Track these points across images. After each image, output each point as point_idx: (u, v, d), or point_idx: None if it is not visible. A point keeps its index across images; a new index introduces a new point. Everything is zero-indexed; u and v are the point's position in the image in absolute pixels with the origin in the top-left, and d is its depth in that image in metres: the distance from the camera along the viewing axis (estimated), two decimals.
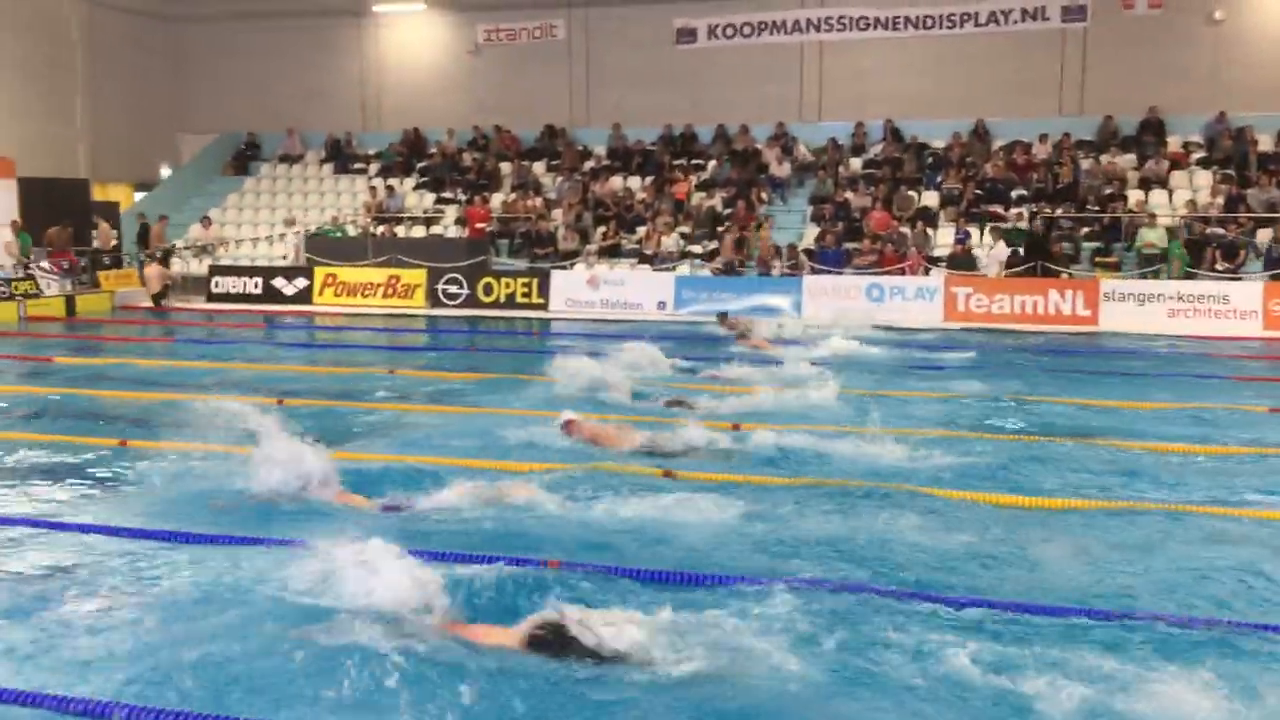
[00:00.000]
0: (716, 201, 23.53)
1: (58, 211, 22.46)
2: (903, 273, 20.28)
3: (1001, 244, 20.47)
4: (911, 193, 22.87)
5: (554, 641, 4.74)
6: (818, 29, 25.66)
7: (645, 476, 7.60)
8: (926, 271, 20.37)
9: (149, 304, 22.15)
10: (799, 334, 15.90)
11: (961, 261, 20.34)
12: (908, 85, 25.13)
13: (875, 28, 25.17)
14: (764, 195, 23.91)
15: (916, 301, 19.67)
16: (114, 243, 23.46)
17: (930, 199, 22.89)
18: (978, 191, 22.50)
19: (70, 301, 20.90)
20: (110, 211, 24.78)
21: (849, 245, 21.40)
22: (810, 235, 22.32)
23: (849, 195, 23.00)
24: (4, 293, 19.88)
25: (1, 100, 24.50)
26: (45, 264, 21.19)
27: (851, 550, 6.25)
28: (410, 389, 12.10)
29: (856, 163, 24.49)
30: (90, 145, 27.49)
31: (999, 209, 22.04)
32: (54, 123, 26.40)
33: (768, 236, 21.66)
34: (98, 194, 26.42)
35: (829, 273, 20.59)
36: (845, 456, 8.48)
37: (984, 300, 19.41)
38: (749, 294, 20.45)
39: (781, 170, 24.43)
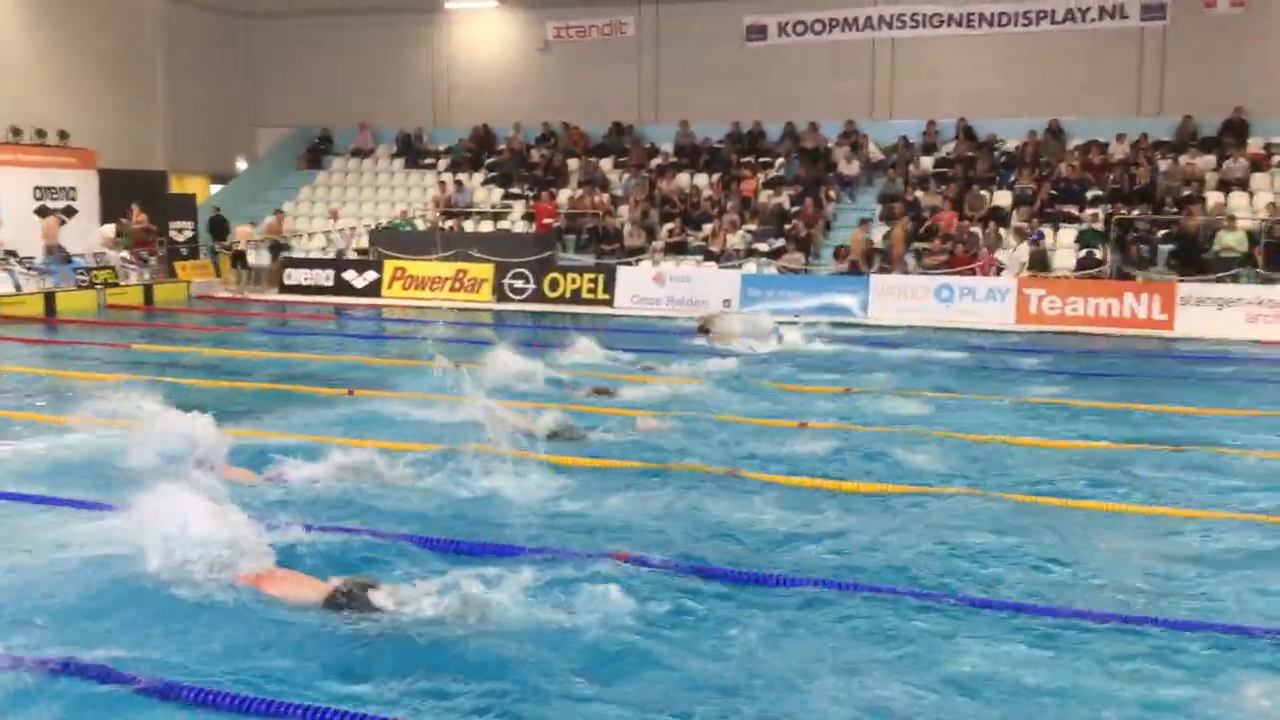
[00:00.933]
0: (784, 199, 23.42)
1: (137, 202, 23.00)
2: (973, 273, 20.02)
3: (1024, 246, 20.20)
4: (983, 192, 22.56)
5: (350, 603, 5.05)
6: (890, 26, 25.41)
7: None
8: (998, 272, 20.09)
9: (225, 294, 22.60)
10: (767, 331, 15.41)
11: (1035, 262, 20.02)
12: (981, 83, 24.80)
13: (949, 25, 24.86)
14: (832, 193, 23.75)
15: (987, 303, 19.39)
16: (140, 224, 22.90)
17: (1003, 199, 22.57)
18: (1052, 192, 22.13)
19: (149, 291, 21.38)
20: (187, 204, 25.30)
21: (918, 245, 21.17)
22: (879, 234, 22.12)
23: (919, 194, 22.76)
24: (84, 281, 20.40)
25: (83, 93, 25.12)
26: (125, 253, 21.71)
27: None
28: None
29: (927, 161, 24.22)
30: (168, 138, 28.10)
31: (1073, 209, 21.66)
32: (133, 116, 27.03)
33: (861, 237, 21.08)
34: (175, 186, 27.03)
35: (897, 272, 20.38)
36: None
37: (1057, 302, 19.08)
38: (815, 293, 20.34)
39: (850, 168, 24.24)
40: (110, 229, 21.82)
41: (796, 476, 7.88)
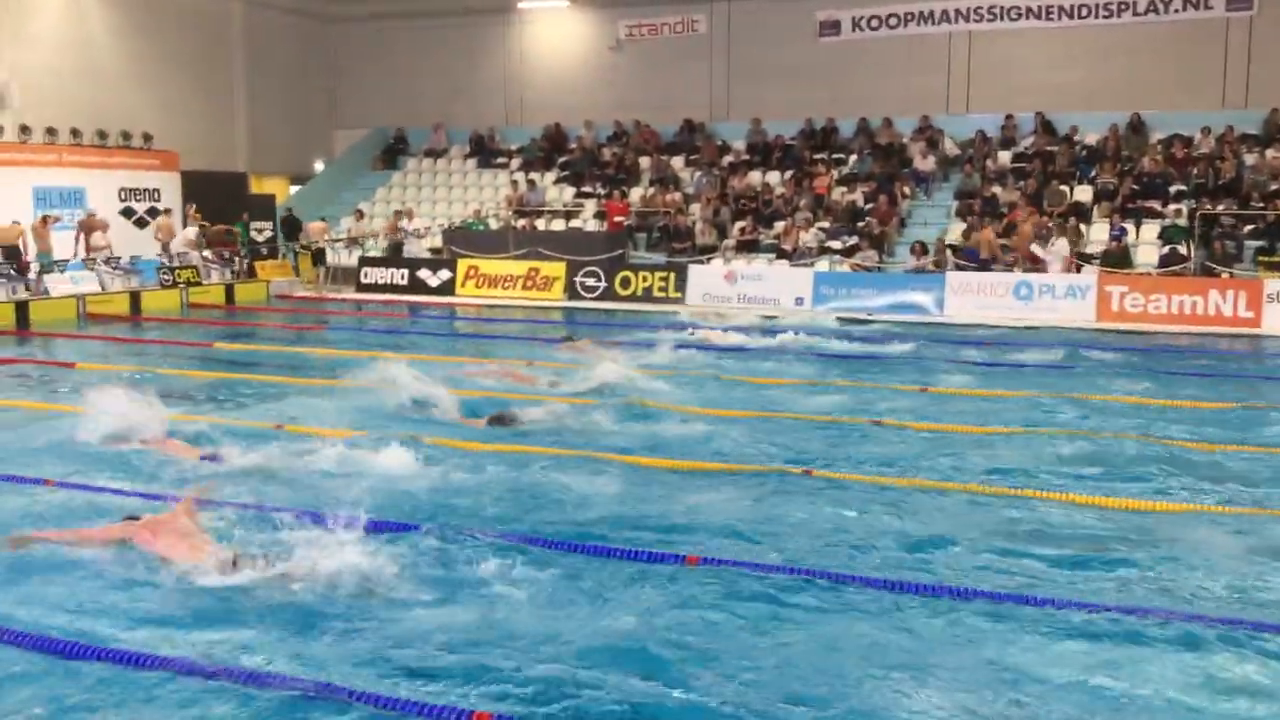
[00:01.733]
0: (857, 196, 23.19)
1: (218, 203, 23.52)
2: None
3: (1063, 240, 19.73)
4: (1063, 187, 22.12)
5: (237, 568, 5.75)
6: (966, 19, 25.02)
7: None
8: (1078, 269, 19.68)
9: (303, 293, 23.01)
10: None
11: (1116, 259, 19.59)
12: (1060, 76, 24.31)
13: (1027, 17, 24.41)
14: (907, 189, 23.47)
15: (1067, 300, 19.00)
16: (196, 219, 22.81)
17: (1083, 194, 22.11)
18: (1134, 187, 21.63)
19: (230, 290, 21.84)
20: (266, 205, 25.80)
21: (1002, 241, 20.77)
22: (955, 231, 21.81)
23: (997, 190, 22.39)
24: (168, 280, 20.89)
25: (166, 95, 25.71)
26: (208, 253, 22.20)
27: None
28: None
29: (1005, 156, 23.81)
30: (249, 140, 28.68)
31: (1156, 205, 21.15)
32: (215, 118, 27.62)
33: (1029, 233, 20.26)
34: (255, 187, 27.58)
35: (974, 269, 20.07)
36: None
37: (1139, 299, 18.63)
38: (888, 290, 20.10)
39: (926, 164, 23.92)
40: (192, 230, 22.33)
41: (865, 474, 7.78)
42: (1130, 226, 20.61)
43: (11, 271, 18.37)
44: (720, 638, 5.12)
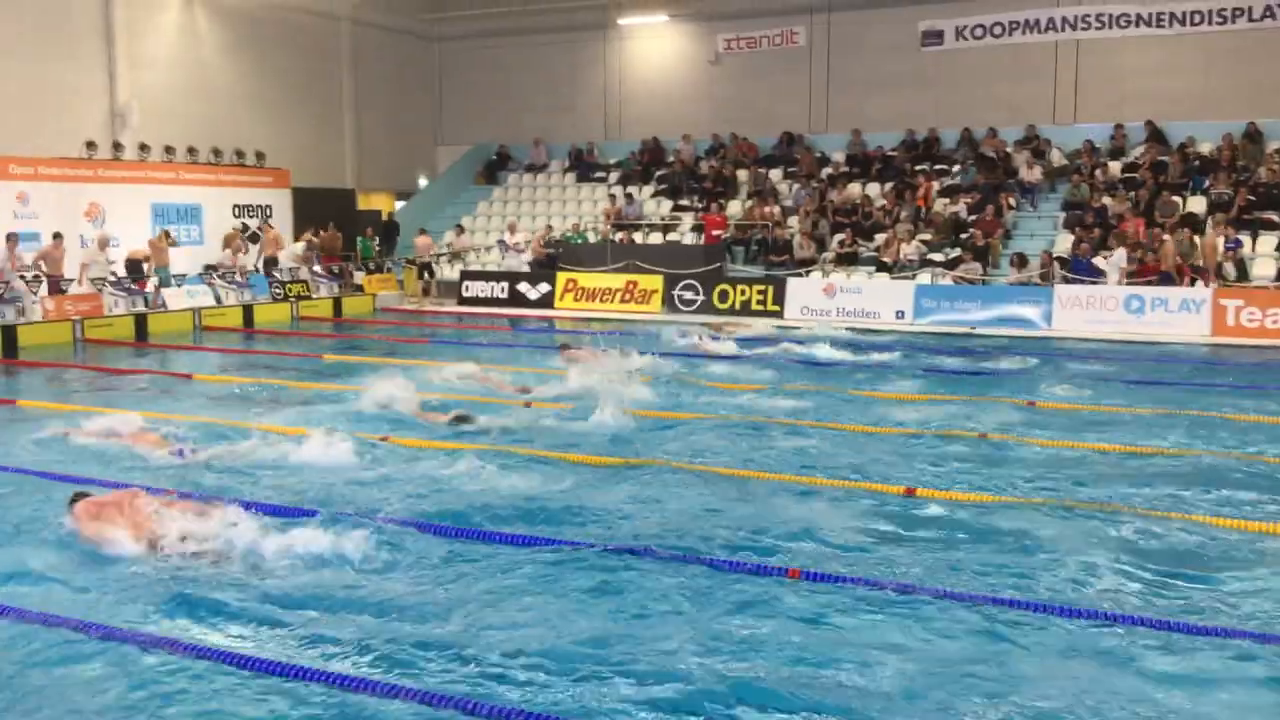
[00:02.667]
0: (960, 208, 22.82)
1: (327, 219, 24.18)
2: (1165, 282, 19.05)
3: (1122, 250, 19.08)
4: (1175, 198, 21.48)
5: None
6: (1074, 27, 24.52)
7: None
8: (1192, 282, 19.08)
9: (408, 306, 23.48)
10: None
11: (1232, 272, 18.94)
12: (1172, 84, 23.65)
13: (1137, 25, 23.81)
14: (1012, 201, 23.03)
15: (1180, 314, 18.43)
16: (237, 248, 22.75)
17: (1196, 205, 21.44)
18: (1250, 198, 20.90)
19: (337, 303, 22.39)
20: (373, 220, 26.42)
21: (1106, 253, 20.28)
22: (1063, 243, 21.31)
23: (1106, 200, 21.83)
24: (279, 294, 21.52)
25: (278, 115, 26.54)
26: (317, 268, 22.81)
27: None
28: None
29: (1115, 166, 23.21)
30: (356, 157, 29.43)
31: (1274, 216, 20.41)
32: (324, 136, 28.40)
33: (1216, 245, 19.50)
34: (362, 203, 28.26)
35: (1083, 282, 19.59)
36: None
37: (1257, 314, 17.99)
38: (993, 304, 19.73)
39: (1032, 174, 23.44)
40: (301, 245, 22.96)
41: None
42: (1246, 238, 19.92)
43: (132, 286, 19.10)
44: (825, 651, 5.08)
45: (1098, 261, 19.60)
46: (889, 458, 8.97)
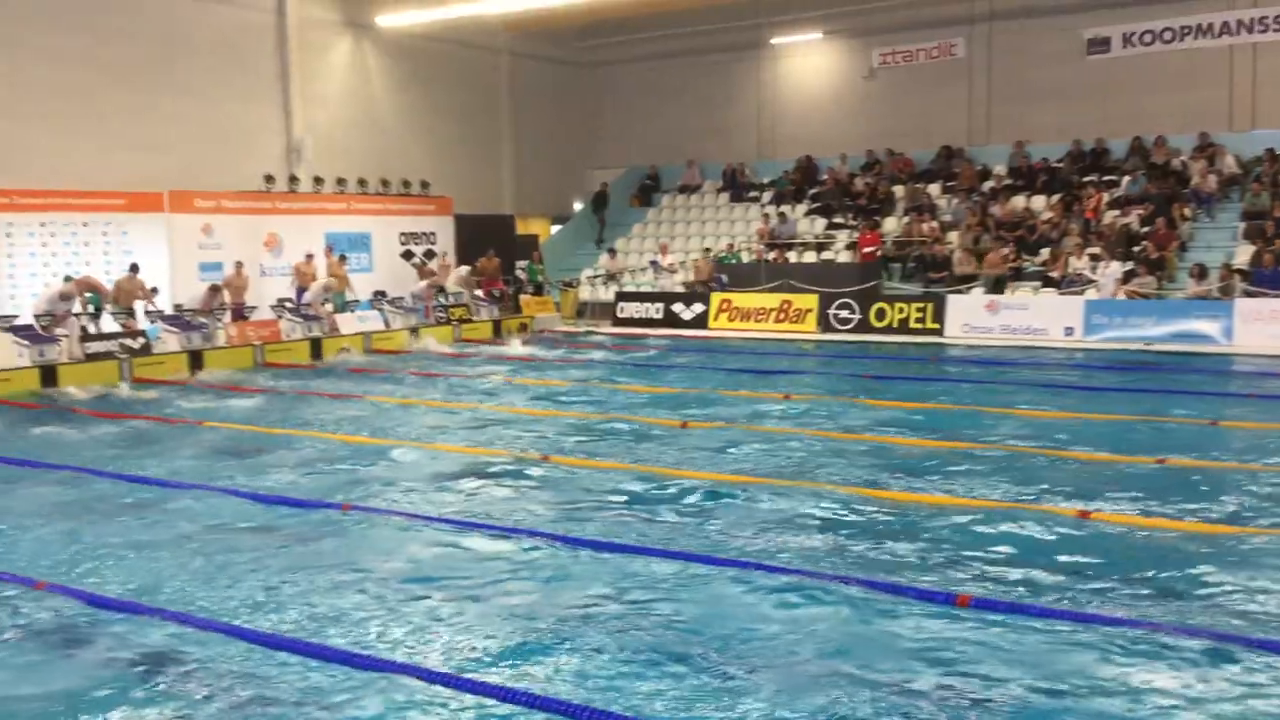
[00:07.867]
0: (1132, 219, 21.93)
1: (487, 244, 24.85)
2: None
3: (1115, 263, 17.83)
4: None
5: None
6: (1250, 30, 23.36)
7: None
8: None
9: (564, 328, 23.88)
10: None
11: None
12: None
13: None
14: (1186, 211, 22.01)
15: None
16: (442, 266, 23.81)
17: None
18: None
19: (497, 325, 22.96)
20: (531, 245, 27.03)
21: None
22: (1242, 254, 20.25)
23: None
24: (443, 318, 22.22)
25: (441, 146, 27.47)
26: (479, 291, 23.44)
27: None
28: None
29: None
30: (514, 183, 30.20)
31: None
32: (483, 163, 29.25)
33: None
34: (520, 228, 28.93)
35: (1267, 295, 18.55)
36: None
37: None
38: (1169, 319, 18.86)
39: (1207, 183, 22.36)
40: (465, 269, 23.63)
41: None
42: None
43: (307, 312, 20.01)
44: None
45: (1087, 272, 18.71)
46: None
